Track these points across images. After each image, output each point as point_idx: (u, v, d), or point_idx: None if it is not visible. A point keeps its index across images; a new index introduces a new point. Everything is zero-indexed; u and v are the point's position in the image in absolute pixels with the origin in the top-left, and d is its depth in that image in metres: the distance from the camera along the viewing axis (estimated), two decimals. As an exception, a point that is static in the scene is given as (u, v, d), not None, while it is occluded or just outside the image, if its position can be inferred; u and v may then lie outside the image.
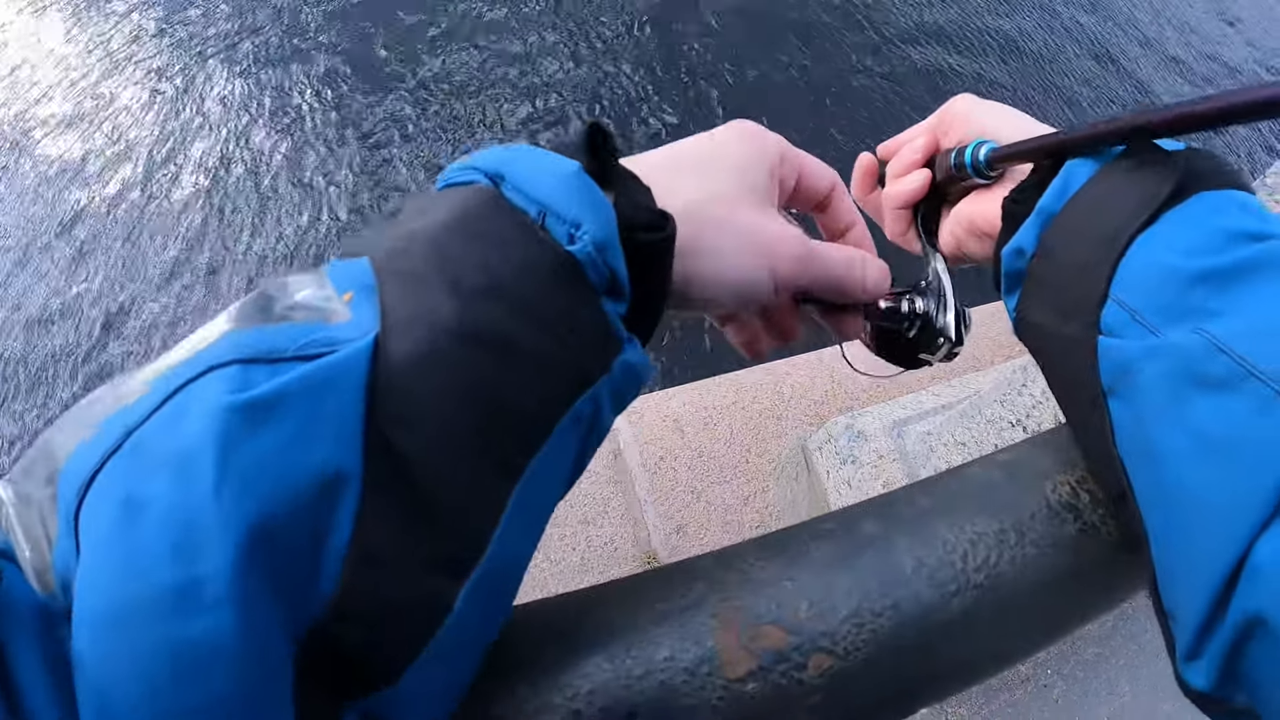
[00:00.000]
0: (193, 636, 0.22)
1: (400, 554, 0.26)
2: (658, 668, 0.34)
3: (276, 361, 0.25)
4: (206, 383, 0.25)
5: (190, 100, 4.64)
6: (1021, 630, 0.40)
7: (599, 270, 0.31)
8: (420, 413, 0.27)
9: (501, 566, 0.30)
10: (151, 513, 0.23)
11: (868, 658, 0.35)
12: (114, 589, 0.22)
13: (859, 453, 1.92)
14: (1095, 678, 1.97)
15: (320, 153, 4.35)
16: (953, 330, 0.49)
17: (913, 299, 0.50)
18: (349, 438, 0.25)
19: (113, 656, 0.22)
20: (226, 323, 0.27)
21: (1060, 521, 0.40)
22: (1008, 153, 0.45)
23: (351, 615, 0.25)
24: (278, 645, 0.24)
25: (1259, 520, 0.28)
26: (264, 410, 0.24)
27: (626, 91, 4.62)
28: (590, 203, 0.31)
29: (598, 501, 2.32)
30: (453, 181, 0.34)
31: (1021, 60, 5.42)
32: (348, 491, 0.25)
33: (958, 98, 0.52)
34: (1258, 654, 0.29)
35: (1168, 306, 0.34)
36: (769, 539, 0.39)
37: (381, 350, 0.26)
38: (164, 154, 4.37)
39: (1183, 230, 0.36)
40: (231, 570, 0.22)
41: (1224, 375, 0.31)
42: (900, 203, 0.54)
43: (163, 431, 0.24)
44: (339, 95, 4.60)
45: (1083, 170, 0.40)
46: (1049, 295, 0.40)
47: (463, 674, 0.31)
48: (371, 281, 0.29)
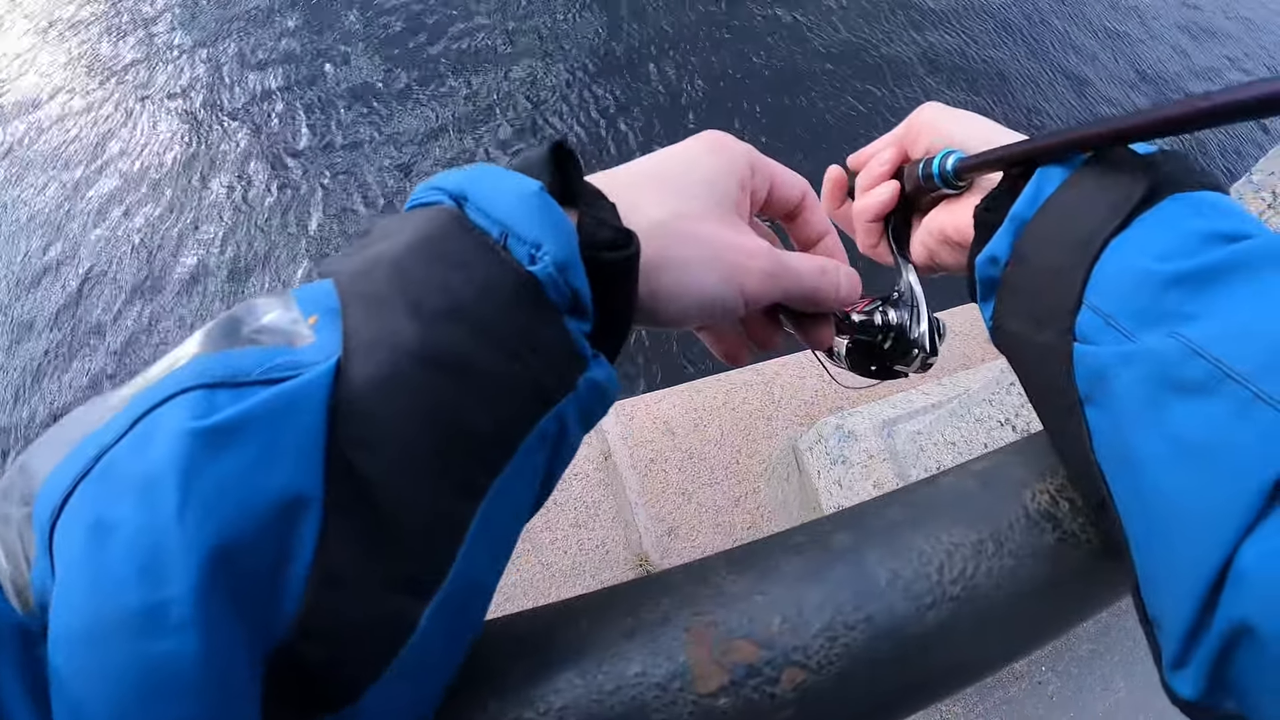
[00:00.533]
0: (159, 658, 0.22)
1: (362, 574, 0.26)
2: (629, 683, 0.33)
3: (240, 385, 0.26)
4: (172, 407, 0.25)
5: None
6: (999, 641, 0.40)
7: (560, 290, 0.31)
8: (381, 435, 0.27)
9: (467, 586, 0.30)
10: (119, 535, 0.23)
11: (841, 671, 0.35)
12: (86, 609, 0.23)
13: (849, 453, 1.92)
14: (1090, 674, 1.98)
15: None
16: (927, 341, 0.49)
17: (885, 310, 0.50)
18: (310, 461, 0.25)
19: (85, 675, 0.22)
20: (196, 345, 0.28)
21: (1039, 531, 0.39)
22: (975, 162, 0.45)
23: (315, 634, 0.25)
24: (242, 666, 0.24)
25: (1242, 525, 0.28)
26: (226, 435, 0.24)
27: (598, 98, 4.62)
28: (551, 223, 0.31)
29: (588, 504, 2.32)
30: (419, 202, 0.34)
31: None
32: (309, 514, 0.25)
33: (924, 107, 0.52)
34: (1245, 661, 0.29)
35: (1142, 311, 0.34)
36: (739, 552, 0.39)
37: (343, 373, 0.27)
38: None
39: (1156, 234, 0.36)
40: (194, 593, 0.23)
41: (1201, 379, 0.30)
42: (870, 215, 0.54)
43: (130, 455, 0.24)
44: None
45: (1055, 176, 0.40)
46: (1023, 302, 0.40)
47: (430, 693, 0.31)
48: (335, 304, 0.29)
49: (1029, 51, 5.46)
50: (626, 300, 0.34)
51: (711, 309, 0.38)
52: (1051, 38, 5.65)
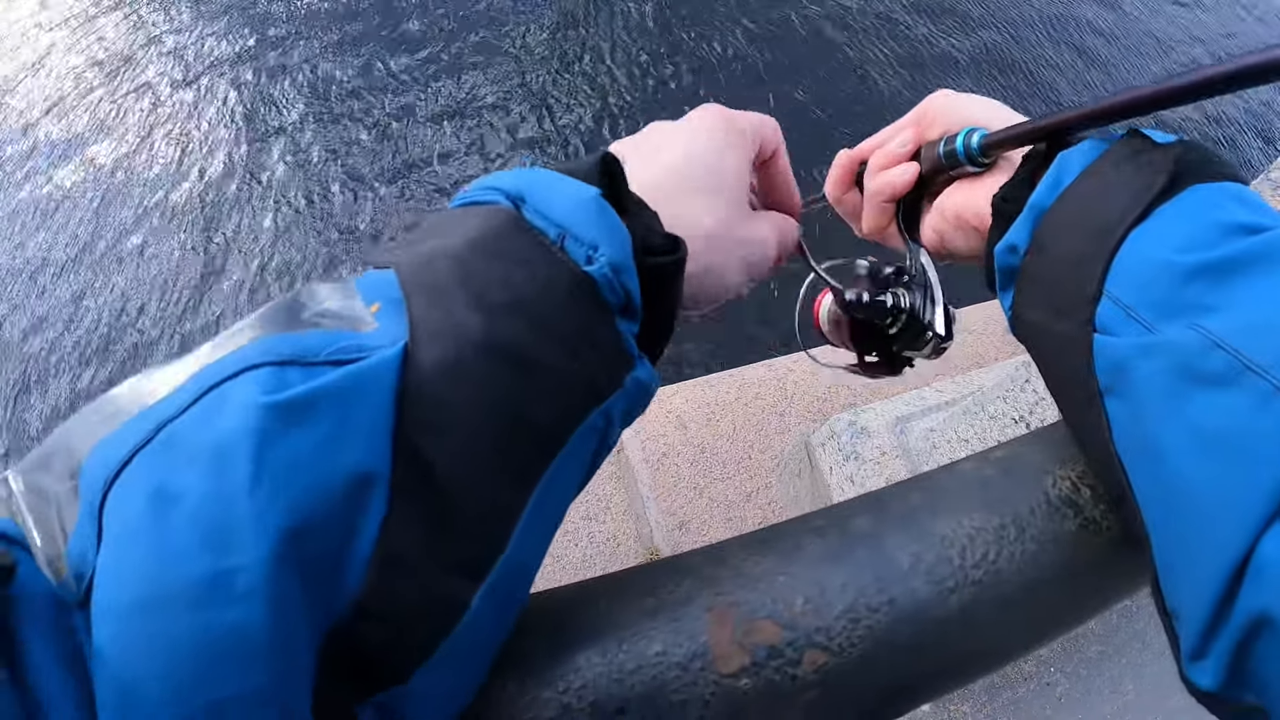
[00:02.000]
0: (223, 627, 0.23)
1: (422, 555, 0.27)
2: (650, 662, 0.33)
3: (310, 365, 0.26)
4: (242, 382, 0.26)
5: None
6: (1020, 627, 0.40)
7: (615, 291, 0.32)
8: (447, 420, 0.28)
9: (515, 568, 0.31)
10: (184, 504, 0.23)
11: (863, 654, 0.35)
12: (142, 579, 0.23)
13: (862, 449, 1.92)
14: (1099, 675, 1.97)
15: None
16: (941, 324, 0.48)
17: (898, 293, 0.49)
18: (379, 441, 0.26)
19: (137, 647, 0.22)
20: (254, 327, 0.28)
21: (1060, 517, 0.39)
22: (1001, 137, 0.45)
23: (374, 614, 0.26)
24: (304, 640, 0.24)
25: (1262, 517, 0.28)
26: (299, 410, 0.25)
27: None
28: (608, 226, 0.33)
29: (600, 498, 2.32)
30: (472, 200, 0.35)
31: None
32: (376, 493, 0.26)
33: (936, 93, 0.52)
34: (1265, 652, 0.28)
35: (1163, 302, 0.34)
36: (760, 535, 0.39)
37: (411, 359, 0.28)
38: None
39: (1176, 224, 0.35)
40: (265, 563, 0.23)
41: (1222, 371, 0.30)
42: (888, 195, 0.53)
43: (197, 427, 0.25)
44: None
45: (1074, 164, 0.40)
46: (1043, 292, 0.40)
47: (476, 672, 0.32)
48: (398, 294, 0.30)
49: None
50: (671, 303, 0.36)
51: (728, 299, 0.42)
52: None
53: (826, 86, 4.66)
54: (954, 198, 0.50)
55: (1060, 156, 0.40)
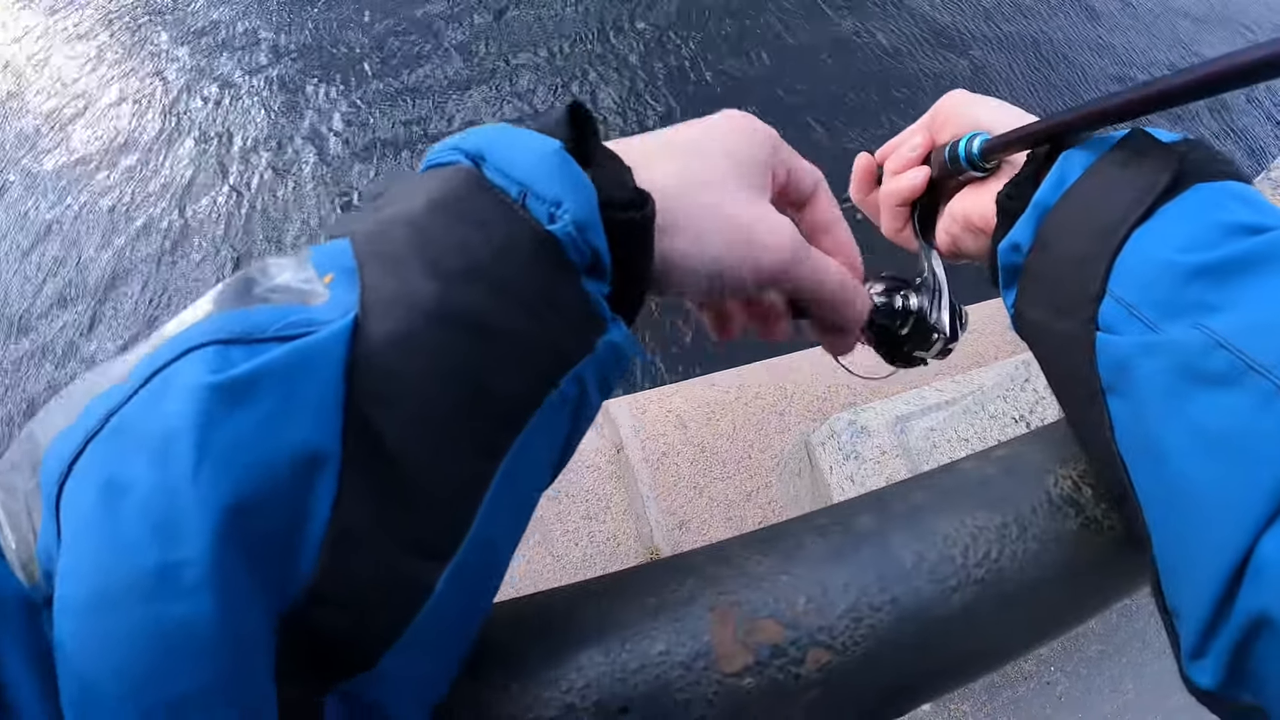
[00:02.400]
0: (173, 620, 0.22)
1: (379, 535, 0.26)
2: (653, 662, 0.33)
3: (255, 342, 0.25)
4: (186, 363, 0.24)
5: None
6: (1022, 626, 0.40)
7: (580, 249, 0.31)
8: (399, 393, 0.26)
9: (483, 550, 0.29)
10: (133, 495, 0.22)
11: (866, 653, 0.35)
12: (95, 572, 0.22)
13: (862, 448, 1.92)
14: (1099, 674, 1.97)
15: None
16: (947, 326, 0.49)
17: (907, 295, 0.50)
18: (327, 417, 0.25)
19: (94, 642, 0.22)
20: (209, 304, 0.27)
21: (1062, 516, 0.39)
22: (1000, 142, 0.45)
23: (330, 597, 0.25)
24: (258, 628, 0.23)
25: (1263, 517, 0.28)
26: (242, 389, 0.24)
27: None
28: (571, 181, 0.31)
29: (600, 497, 2.32)
30: (435, 163, 0.33)
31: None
32: (326, 471, 0.25)
33: (950, 94, 0.52)
34: (1264, 652, 0.29)
35: (1166, 302, 0.34)
36: (762, 534, 0.39)
37: (361, 331, 0.26)
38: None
39: (1180, 224, 0.35)
40: (210, 552, 0.22)
41: (1224, 370, 0.30)
42: (898, 199, 0.53)
43: (143, 413, 0.24)
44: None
45: (1078, 163, 0.40)
46: (1045, 291, 0.40)
47: (447, 659, 0.31)
48: (351, 264, 0.28)
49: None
50: (643, 263, 0.34)
51: (720, 280, 0.37)
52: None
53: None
54: (963, 201, 0.50)
55: (1064, 155, 0.41)
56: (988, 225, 0.47)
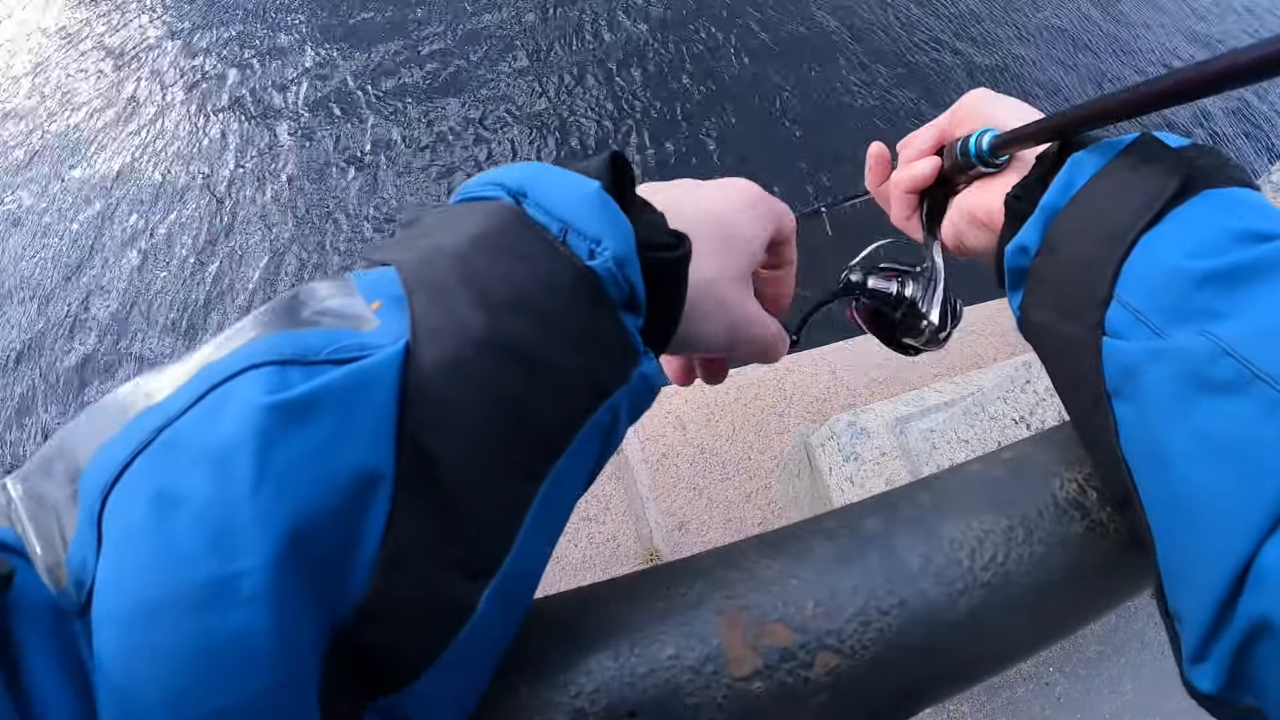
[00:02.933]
0: (227, 632, 0.22)
1: (428, 555, 0.27)
2: (662, 666, 0.33)
3: (311, 364, 0.26)
4: (243, 382, 0.25)
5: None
6: (1028, 629, 0.40)
7: (619, 285, 0.32)
8: (450, 419, 0.27)
9: (522, 568, 0.30)
10: (187, 508, 0.23)
11: (875, 657, 0.35)
12: (144, 584, 0.22)
13: (861, 449, 1.92)
14: (1098, 675, 1.97)
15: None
16: (936, 316, 0.49)
17: (904, 282, 0.50)
18: (383, 440, 0.26)
19: (139, 654, 0.22)
20: (254, 327, 0.28)
21: (1068, 519, 0.39)
22: (1009, 137, 0.45)
23: (379, 616, 0.25)
24: (309, 643, 0.24)
25: (1265, 524, 0.28)
26: (301, 410, 0.25)
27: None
28: (611, 221, 0.32)
29: (599, 498, 2.32)
30: (473, 196, 0.35)
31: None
32: (380, 492, 0.26)
33: (971, 92, 0.53)
34: (1264, 657, 0.29)
35: (1173, 308, 0.34)
36: (770, 537, 0.39)
37: (413, 357, 0.27)
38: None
39: (1188, 230, 0.35)
40: (270, 566, 0.23)
41: (1230, 378, 0.30)
42: (908, 186, 0.54)
43: (198, 428, 0.24)
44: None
45: (1087, 167, 0.40)
46: (1052, 294, 0.40)
47: (482, 675, 0.32)
48: (399, 292, 0.29)
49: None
50: (675, 299, 0.36)
51: (699, 351, 0.42)
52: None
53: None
54: (971, 196, 0.51)
55: (1073, 158, 0.41)
56: (992, 221, 0.47)
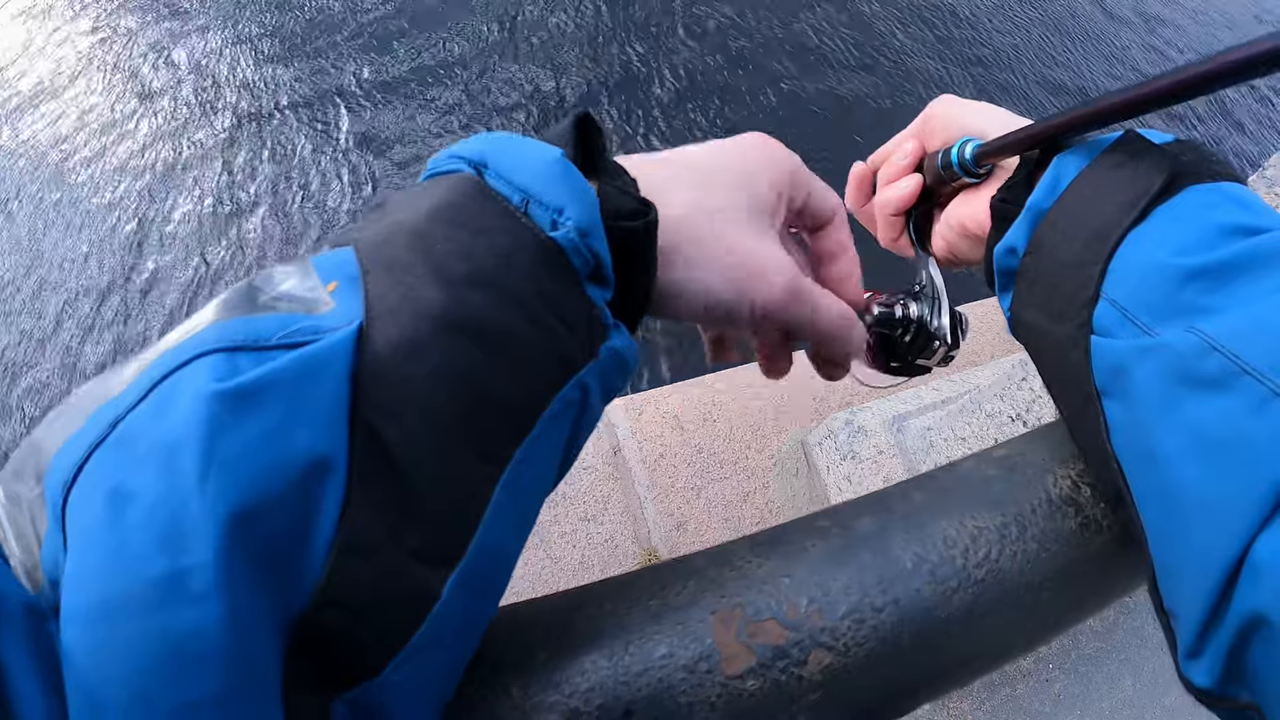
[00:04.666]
0: (180, 629, 0.22)
1: (385, 542, 0.26)
2: (656, 665, 0.33)
3: (261, 350, 0.25)
4: (191, 371, 0.25)
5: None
6: (1022, 626, 0.40)
7: (583, 256, 0.31)
8: (405, 400, 0.26)
9: (489, 556, 0.30)
10: (138, 504, 0.22)
11: (868, 654, 0.35)
12: (101, 582, 0.22)
13: (859, 448, 1.92)
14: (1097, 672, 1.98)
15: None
16: (948, 333, 0.49)
17: (906, 304, 0.50)
18: (334, 425, 0.25)
19: (101, 651, 0.22)
20: (213, 313, 0.27)
21: (1061, 516, 0.40)
22: (994, 147, 0.45)
23: (338, 604, 0.25)
24: (266, 636, 0.23)
25: (1257, 519, 0.28)
26: (249, 397, 0.24)
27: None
28: (572, 189, 0.31)
29: (597, 498, 2.32)
30: (437, 171, 0.34)
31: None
32: (333, 479, 0.25)
33: (937, 100, 0.52)
34: (1259, 652, 0.29)
35: (1160, 305, 0.34)
36: (763, 536, 0.39)
37: (366, 338, 0.26)
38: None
39: (1174, 226, 0.35)
40: (216, 560, 0.22)
41: (1218, 374, 0.30)
42: (892, 209, 0.53)
43: (148, 421, 0.24)
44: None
45: (1072, 166, 0.40)
46: (1041, 294, 0.40)
47: (451, 667, 0.31)
48: (355, 271, 0.28)
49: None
50: (645, 271, 0.34)
51: (716, 313, 0.37)
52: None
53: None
54: (958, 208, 0.50)
55: (1058, 158, 0.41)
56: (983, 230, 0.47)
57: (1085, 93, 5.30)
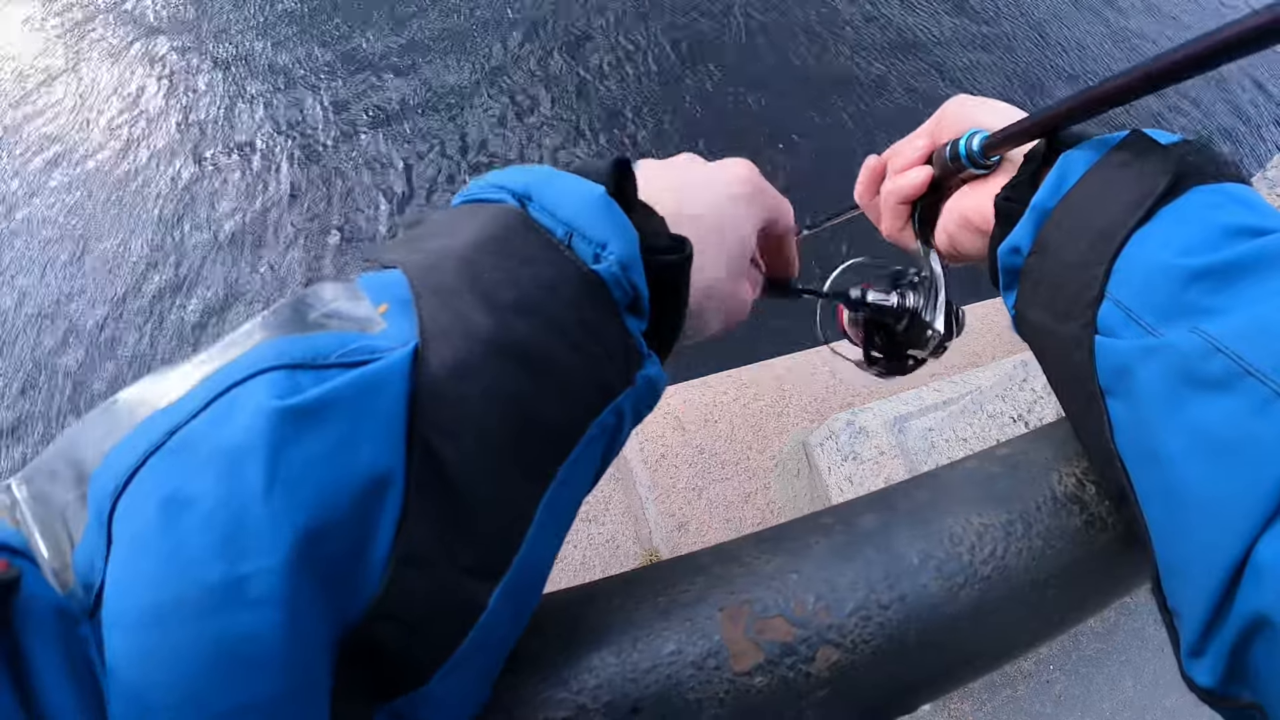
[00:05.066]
0: (238, 633, 0.22)
1: (439, 556, 0.27)
2: (664, 661, 0.34)
3: (321, 368, 0.26)
4: (254, 386, 0.25)
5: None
6: (1028, 623, 0.40)
7: (623, 288, 0.33)
8: (459, 420, 0.28)
9: (530, 567, 0.31)
10: (197, 509, 0.23)
11: (875, 651, 0.35)
12: (154, 586, 0.22)
13: (860, 449, 1.92)
14: (1098, 673, 1.97)
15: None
16: (941, 324, 0.49)
17: (904, 293, 0.50)
18: (393, 442, 0.26)
19: (151, 656, 0.22)
20: (261, 329, 0.28)
21: (1066, 513, 0.40)
22: (1001, 137, 0.45)
23: (391, 616, 0.26)
24: (321, 643, 0.24)
25: (1260, 520, 0.28)
26: (312, 415, 0.25)
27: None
28: (615, 225, 0.33)
29: (599, 499, 2.32)
30: (477, 198, 0.35)
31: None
32: (392, 494, 0.26)
33: (953, 99, 0.53)
34: (1262, 652, 0.29)
35: (1164, 305, 0.34)
36: (769, 534, 0.39)
37: (421, 360, 0.27)
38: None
39: (1179, 227, 0.35)
40: (282, 568, 0.23)
41: (1221, 375, 0.31)
42: (900, 197, 0.54)
43: (210, 432, 0.24)
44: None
45: (1078, 165, 0.40)
46: (1045, 293, 0.40)
47: (489, 675, 0.32)
48: (407, 295, 0.29)
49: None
50: (678, 303, 0.36)
51: (700, 339, 0.42)
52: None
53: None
54: (962, 200, 0.50)
55: (1063, 156, 0.41)
56: (986, 224, 0.47)
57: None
